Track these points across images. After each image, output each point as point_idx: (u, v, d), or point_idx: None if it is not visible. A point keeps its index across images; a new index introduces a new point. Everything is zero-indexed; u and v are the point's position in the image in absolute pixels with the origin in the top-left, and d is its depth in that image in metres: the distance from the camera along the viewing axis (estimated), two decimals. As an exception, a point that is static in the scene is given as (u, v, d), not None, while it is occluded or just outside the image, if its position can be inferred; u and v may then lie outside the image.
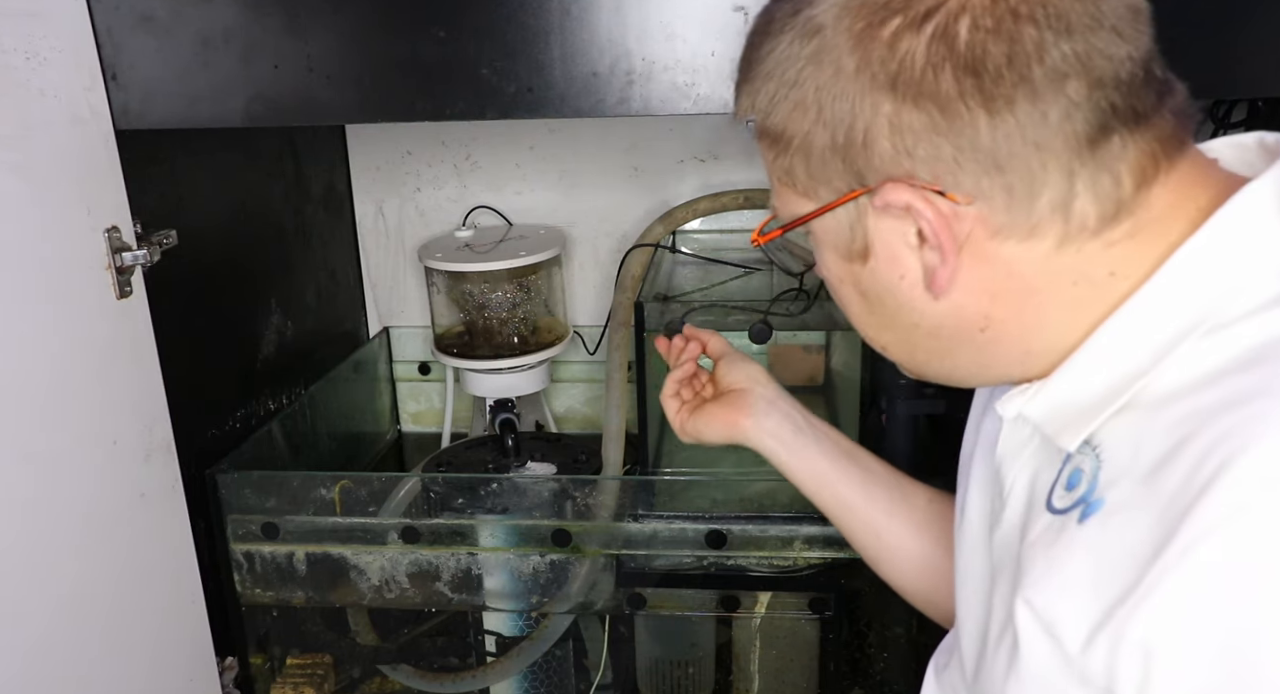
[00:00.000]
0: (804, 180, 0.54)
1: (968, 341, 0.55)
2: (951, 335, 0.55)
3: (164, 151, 1.06)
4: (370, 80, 0.91)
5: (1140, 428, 0.48)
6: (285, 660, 1.33)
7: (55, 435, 0.86)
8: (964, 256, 0.51)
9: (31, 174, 0.83)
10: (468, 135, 1.57)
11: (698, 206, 1.46)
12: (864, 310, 0.58)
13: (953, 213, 0.50)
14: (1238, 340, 0.47)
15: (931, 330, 0.55)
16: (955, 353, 0.56)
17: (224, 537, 1.16)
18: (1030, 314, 0.52)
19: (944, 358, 0.57)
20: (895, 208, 0.51)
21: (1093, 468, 0.50)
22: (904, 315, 0.55)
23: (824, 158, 0.52)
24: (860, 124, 0.50)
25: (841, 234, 0.55)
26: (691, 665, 1.32)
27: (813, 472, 0.82)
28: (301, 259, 1.47)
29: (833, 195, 0.53)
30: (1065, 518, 0.51)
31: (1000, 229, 0.50)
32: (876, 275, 0.55)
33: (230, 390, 1.25)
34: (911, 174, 0.50)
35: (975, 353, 0.55)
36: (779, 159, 0.55)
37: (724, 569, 1.15)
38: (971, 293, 0.52)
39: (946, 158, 0.49)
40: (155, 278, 0.97)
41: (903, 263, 0.53)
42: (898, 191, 0.50)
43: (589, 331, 1.58)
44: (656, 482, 1.22)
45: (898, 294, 0.55)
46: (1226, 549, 0.41)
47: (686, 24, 0.87)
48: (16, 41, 0.81)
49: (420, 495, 1.22)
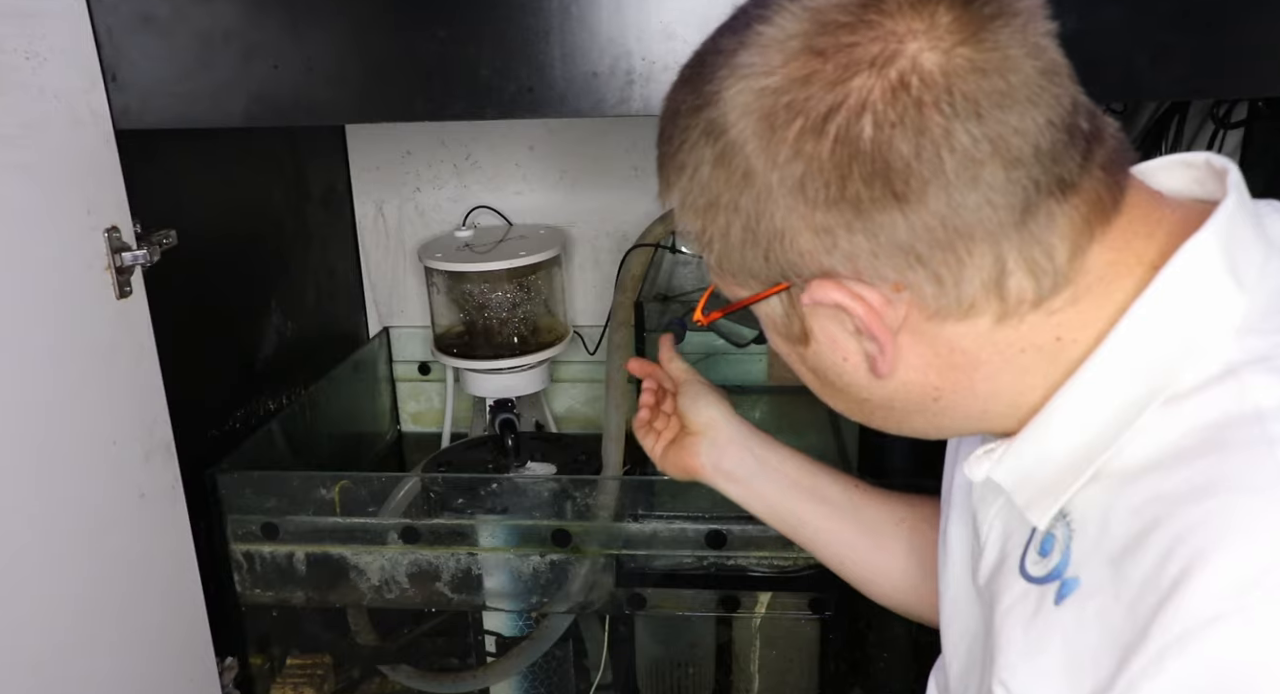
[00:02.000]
0: (729, 269, 0.53)
1: (920, 410, 0.54)
2: (904, 407, 0.54)
3: (164, 151, 1.06)
4: (370, 80, 0.91)
5: (1107, 501, 0.48)
6: (285, 660, 1.33)
7: (55, 435, 0.86)
8: (904, 337, 0.50)
9: (31, 174, 0.83)
10: (468, 135, 1.57)
11: (698, 206, 1.45)
12: (816, 383, 0.58)
13: (884, 301, 0.49)
14: (1196, 414, 0.46)
15: (882, 403, 0.55)
16: (910, 419, 0.56)
17: (224, 537, 1.16)
18: (981, 383, 0.51)
19: (900, 423, 0.56)
20: (825, 306, 0.50)
21: (1064, 537, 0.50)
22: (853, 391, 0.55)
23: (744, 254, 0.51)
24: (775, 224, 0.48)
25: (779, 319, 0.54)
26: (691, 665, 1.32)
27: (771, 511, 0.82)
28: (301, 259, 1.47)
29: (761, 286, 0.52)
30: (1041, 591, 0.50)
31: (936, 312, 0.49)
32: (820, 357, 0.54)
33: (230, 390, 1.25)
34: (833, 271, 0.48)
35: (931, 418, 0.55)
36: (705, 250, 0.53)
37: (724, 569, 1.15)
38: (917, 370, 0.51)
39: (864, 254, 0.47)
40: (155, 278, 0.97)
41: (843, 347, 0.52)
42: (824, 289, 0.49)
43: (589, 331, 1.58)
44: (656, 482, 1.22)
45: (843, 375, 0.54)
46: (1200, 661, 0.41)
47: (686, 24, 0.87)
48: (16, 41, 0.81)
49: (420, 495, 1.22)
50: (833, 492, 0.81)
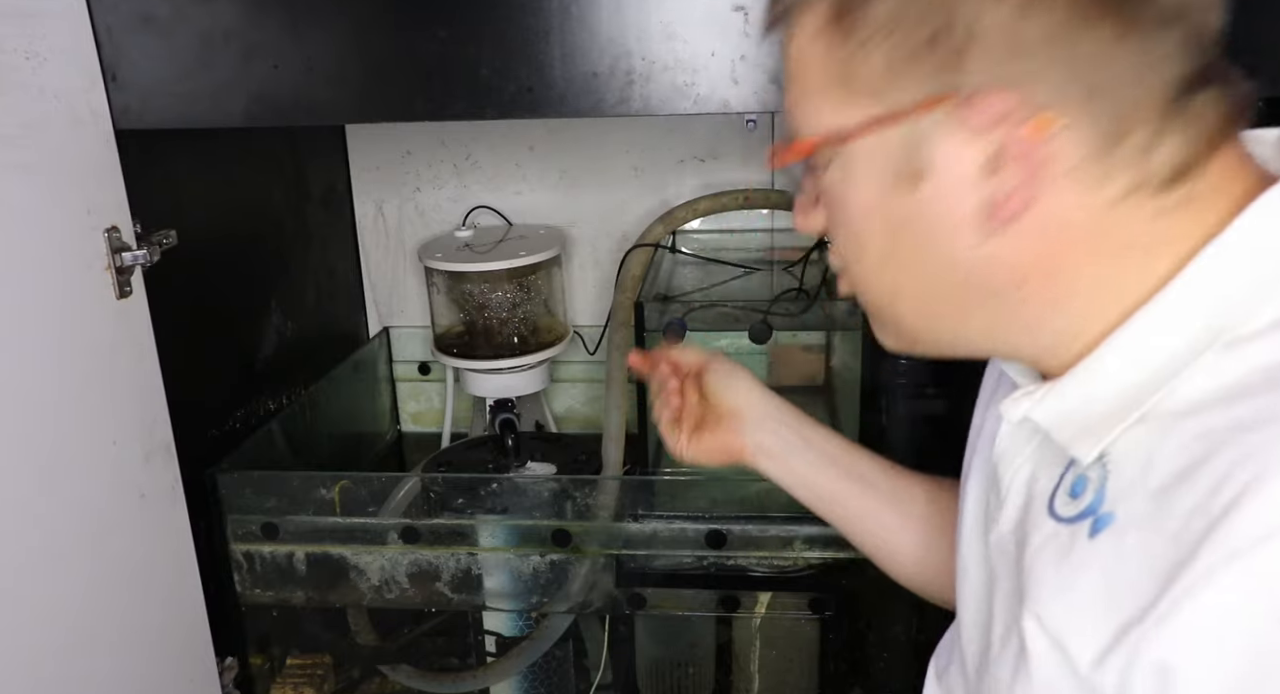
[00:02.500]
0: (875, 81, 0.48)
1: (992, 299, 0.51)
2: (979, 287, 0.51)
3: (164, 151, 1.06)
4: (370, 80, 0.91)
5: (1153, 441, 0.47)
6: (285, 660, 1.33)
7: (55, 436, 0.86)
8: (1032, 191, 0.47)
9: (31, 174, 0.83)
10: (468, 135, 1.57)
11: (698, 206, 1.45)
12: (885, 249, 0.52)
13: (1039, 138, 0.46)
14: (1258, 356, 0.45)
15: (960, 280, 0.51)
16: (973, 313, 0.52)
17: (224, 537, 1.16)
18: (1067, 276, 0.49)
19: (958, 316, 0.53)
20: (982, 122, 0.46)
21: (1099, 477, 0.49)
22: (938, 255, 0.51)
23: (912, 55, 0.47)
24: (965, 24, 0.45)
25: (894, 153, 0.49)
26: (691, 665, 1.32)
27: (809, 488, 0.81)
28: (301, 259, 1.47)
29: (908, 102, 0.47)
30: (1074, 529, 0.50)
31: (1075, 167, 0.47)
32: (923, 205, 0.49)
33: (230, 390, 1.25)
34: (1009, 86, 0.45)
35: (994, 314, 0.52)
36: (847, 51, 0.48)
37: (724, 569, 1.15)
38: (1020, 237, 0.49)
39: (1048, 77, 0.45)
40: (155, 278, 0.97)
41: (961, 192, 0.48)
42: (994, 102, 0.45)
43: (589, 331, 1.58)
44: (656, 482, 1.22)
45: (939, 230, 0.50)
46: (1255, 573, 0.40)
47: (686, 24, 0.87)
48: (16, 41, 0.81)
49: (420, 495, 1.22)
50: (870, 470, 0.80)
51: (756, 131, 1.53)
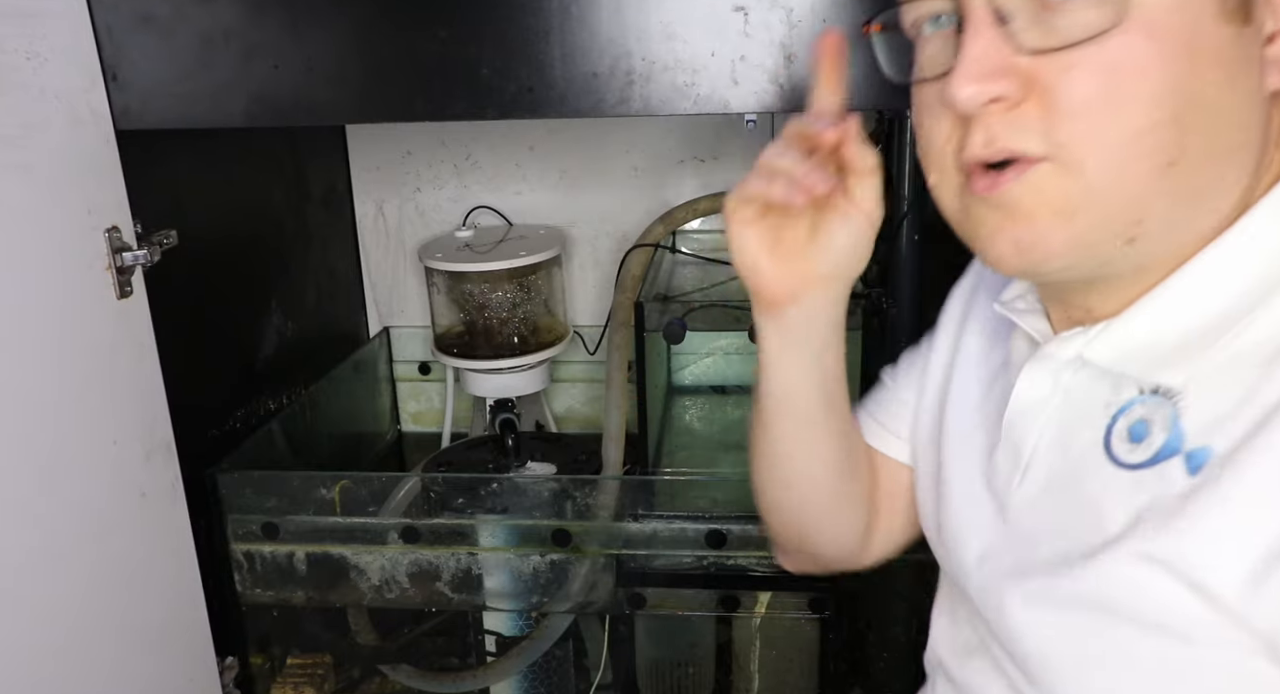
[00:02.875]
0: None
1: (1204, 162, 0.46)
2: (1206, 143, 0.46)
3: (164, 151, 1.06)
4: (370, 80, 0.91)
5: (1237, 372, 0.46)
6: (285, 660, 1.33)
7: (55, 435, 0.86)
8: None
9: (32, 174, 0.83)
10: (468, 135, 1.57)
11: (698, 206, 1.46)
12: (1157, 82, 0.45)
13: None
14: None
15: (1236, 143, 0.47)
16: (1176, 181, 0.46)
17: (224, 537, 1.16)
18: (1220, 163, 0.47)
19: (1160, 182, 0.46)
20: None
21: (1167, 416, 0.48)
22: (1233, 113, 0.47)
23: None
24: None
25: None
26: (691, 665, 1.32)
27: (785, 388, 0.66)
28: (301, 259, 1.47)
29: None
30: (1160, 471, 0.48)
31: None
32: (1238, 44, 0.45)
33: (230, 390, 1.25)
34: None
35: (1185, 183, 0.47)
36: None
37: (724, 569, 1.15)
38: (1251, 97, 0.47)
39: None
40: (155, 278, 0.97)
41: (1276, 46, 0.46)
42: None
43: (589, 331, 1.58)
44: (656, 482, 1.22)
45: (1238, 76, 0.46)
46: None
47: (686, 24, 0.87)
48: (17, 41, 0.81)
49: (420, 495, 1.22)
50: (845, 409, 0.69)
51: (756, 131, 1.53)
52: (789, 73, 0.88)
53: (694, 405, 1.56)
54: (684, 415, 1.54)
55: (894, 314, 1.14)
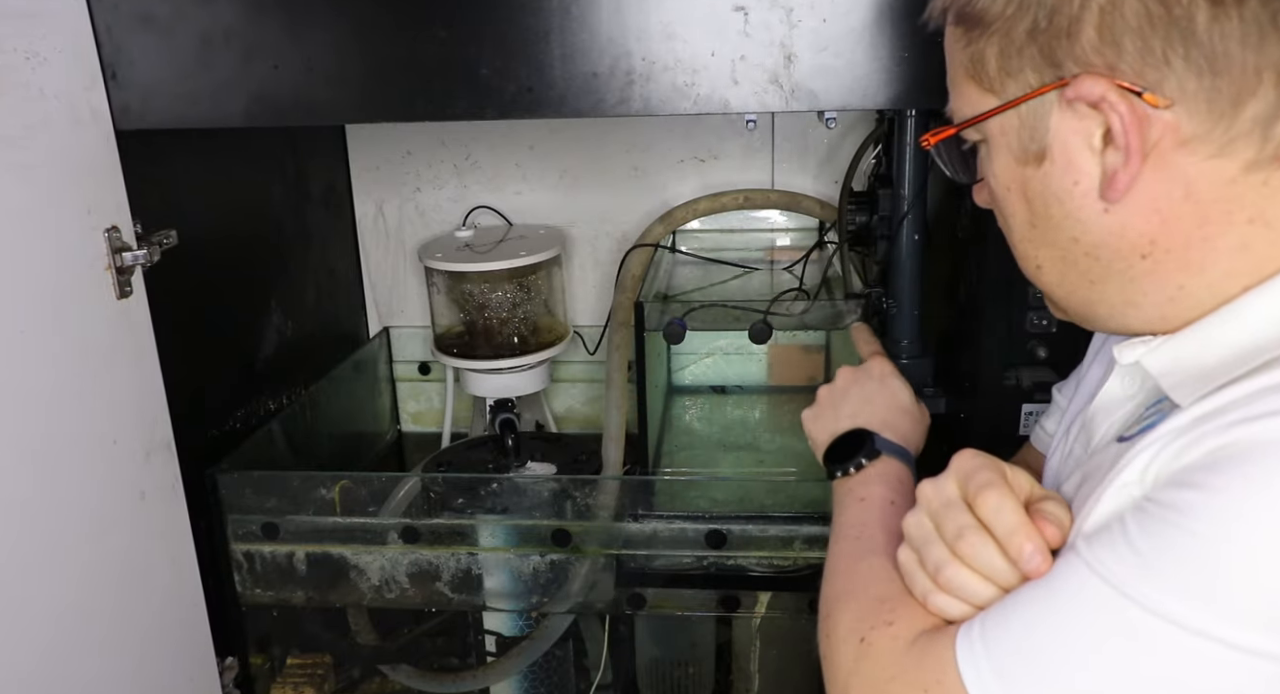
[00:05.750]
0: (993, 71, 0.53)
1: (1124, 269, 0.53)
2: (1111, 257, 0.53)
3: (164, 151, 1.06)
4: (370, 80, 0.91)
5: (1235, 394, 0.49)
6: (285, 660, 1.33)
7: (55, 435, 0.86)
8: (1146, 166, 0.49)
9: (31, 174, 0.83)
10: (468, 135, 1.57)
11: (698, 206, 1.46)
12: (1026, 222, 0.56)
13: (1145, 115, 0.48)
14: None
15: (1091, 248, 0.54)
16: (1106, 280, 0.54)
17: (224, 537, 1.16)
18: (1195, 249, 0.51)
19: (1093, 285, 0.55)
20: (1086, 102, 0.49)
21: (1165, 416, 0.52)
22: (1067, 227, 0.54)
23: (1021, 46, 0.51)
24: (1069, 9, 0.49)
25: (1021, 133, 0.53)
26: (691, 665, 1.32)
27: None
28: (301, 259, 1.47)
29: (1021, 90, 0.52)
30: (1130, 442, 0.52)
31: (1190, 139, 0.48)
32: (1049, 180, 0.53)
33: (230, 390, 1.25)
34: (1113, 67, 0.48)
35: (1126, 284, 0.54)
36: (971, 46, 0.54)
37: (724, 569, 1.15)
38: (1141, 210, 0.51)
39: (1155, 53, 0.47)
40: (155, 278, 0.97)
41: (1079, 166, 0.52)
42: (1094, 85, 0.48)
43: (589, 331, 1.58)
44: (656, 481, 1.22)
45: (1066, 202, 0.53)
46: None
47: (686, 24, 0.87)
48: (16, 41, 0.81)
49: (420, 495, 1.22)
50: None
51: (756, 131, 1.53)
52: (789, 73, 0.88)
53: (694, 405, 1.56)
54: (684, 415, 1.54)
55: (894, 314, 1.14)
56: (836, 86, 0.88)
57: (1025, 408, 1.02)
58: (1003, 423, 1.03)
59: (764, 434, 1.48)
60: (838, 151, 1.51)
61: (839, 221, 1.24)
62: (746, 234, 1.56)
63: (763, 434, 1.48)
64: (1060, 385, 0.81)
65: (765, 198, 1.47)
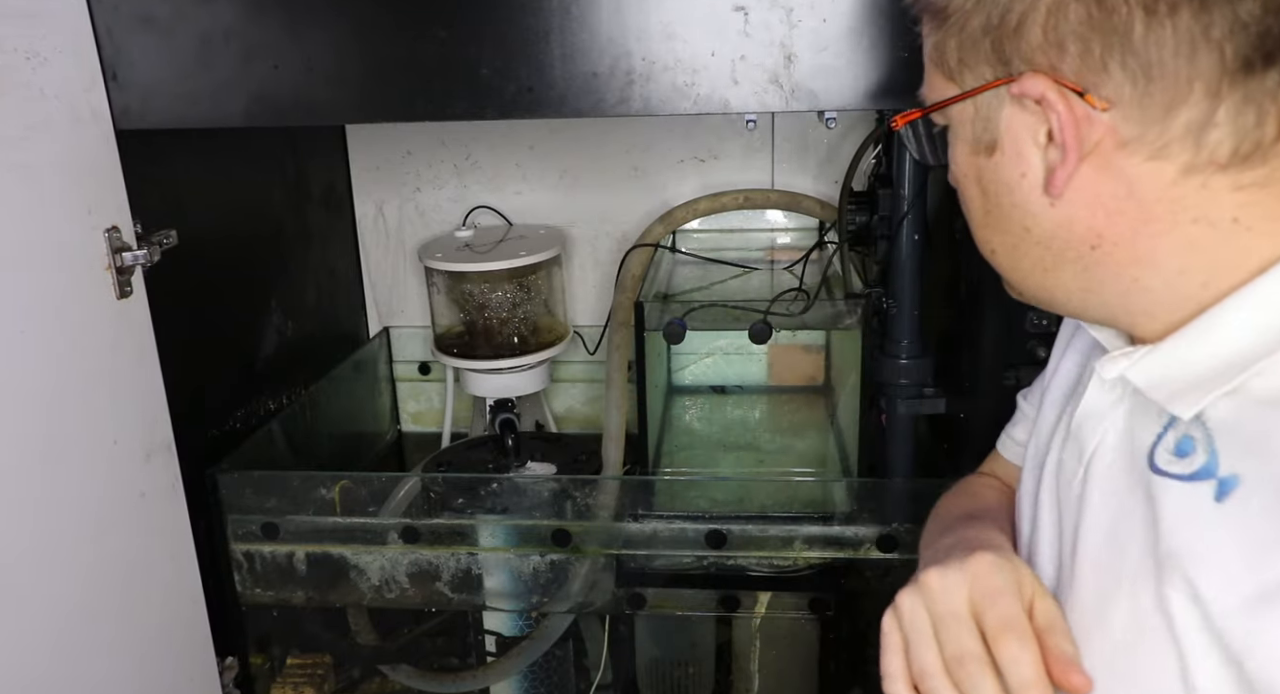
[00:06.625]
0: (953, 62, 0.55)
1: (1074, 259, 0.54)
2: (1061, 248, 0.55)
3: (164, 151, 1.06)
4: (370, 80, 0.91)
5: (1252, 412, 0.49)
6: (285, 660, 1.33)
7: (55, 435, 0.86)
8: (1087, 165, 0.51)
9: (32, 174, 0.83)
10: (468, 135, 1.57)
11: (698, 206, 1.46)
12: (981, 209, 0.58)
13: (1085, 116, 0.50)
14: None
15: (1042, 238, 0.55)
16: (1060, 268, 0.56)
17: (224, 537, 1.16)
18: (1143, 243, 0.52)
19: (1047, 272, 0.57)
20: (1030, 99, 0.51)
21: (1204, 438, 0.51)
22: (1017, 217, 0.56)
23: (975, 39, 0.53)
24: (1019, 8, 0.50)
25: (975, 124, 0.55)
26: (691, 665, 1.32)
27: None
28: (301, 259, 1.47)
29: (976, 81, 0.54)
30: (1193, 488, 0.50)
31: (1129, 142, 0.50)
32: (999, 171, 0.55)
33: (230, 390, 1.25)
34: (1055, 68, 0.50)
35: (1080, 273, 0.55)
36: (934, 35, 0.56)
37: (724, 569, 1.15)
38: (1087, 205, 0.52)
39: (1095, 56, 0.49)
40: (155, 278, 0.97)
41: (1026, 160, 0.53)
42: (1036, 83, 0.50)
43: (589, 331, 1.58)
44: (656, 482, 1.22)
45: (1015, 193, 0.55)
46: None
47: (686, 24, 0.87)
48: (17, 41, 0.81)
49: (420, 495, 1.22)
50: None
51: (756, 131, 1.53)
52: (789, 73, 0.88)
53: (694, 405, 1.56)
54: (684, 415, 1.54)
55: (894, 314, 1.14)
56: (836, 86, 0.88)
57: (1025, 408, 1.02)
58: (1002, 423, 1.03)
59: (764, 434, 1.48)
60: (838, 151, 1.51)
61: (839, 221, 1.25)
62: (746, 234, 1.56)
63: (763, 434, 1.48)
64: (1025, 393, 0.81)
65: (765, 198, 1.47)
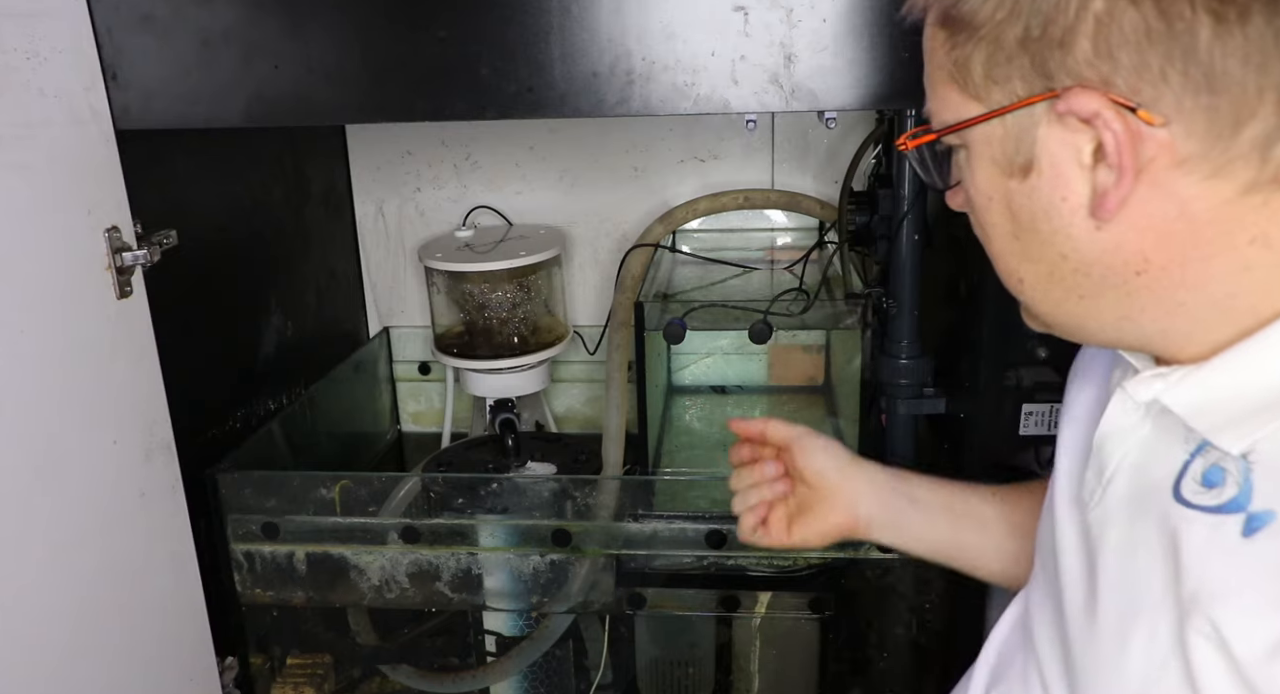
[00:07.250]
0: (978, 78, 0.50)
1: (1118, 285, 0.50)
2: (1102, 275, 0.50)
3: (164, 151, 1.06)
4: (370, 80, 0.91)
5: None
6: (285, 660, 1.33)
7: (55, 435, 0.86)
8: (1140, 184, 0.47)
9: (32, 174, 0.83)
10: (468, 135, 1.57)
11: (698, 206, 1.46)
12: (1009, 235, 0.53)
13: (1140, 133, 0.46)
14: None
15: (1081, 265, 0.51)
16: (1099, 296, 0.51)
17: (224, 537, 1.16)
18: (1194, 268, 0.48)
19: (1084, 299, 0.52)
20: (1078, 117, 0.47)
21: (1240, 470, 0.48)
22: (1055, 244, 0.51)
23: (1011, 53, 0.48)
24: (1063, 19, 0.46)
25: (1005, 144, 0.51)
26: (691, 665, 1.32)
27: (930, 546, 0.80)
28: (301, 259, 1.47)
29: (1008, 98, 0.49)
30: (1219, 521, 0.48)
31: (1187, 159, 0.46)
32: (1036, 194, 0.50)
33: (230, 390, 1.25)
34: (1108, 82, 0.46)
35: (1121, 299, 0.51)
36: (956, 51, 0.51)
37: (724, 569, 1.15)
38: (1136, 228, 0.48)
39: (1152, 68, 0.45)
40: (155, 278, 0.97)
41: (1069, 182, 0.49)
42: (1087, 99, 0.46)
43: (589, 331, 1.58)
44: (656, 482, 1.22)
45: (1054, 218, 0.50)
46: None
47: (686, 24, 0.87)
48: (17, 41, 0.81)
49: (420, 495, 1.22)
50: (968, 501, 0.79)
51: (756, 131, 1.53)
52: (789, 73, 0.88)
53: (694, 405, 1.56)
54: (684, 415, 1.54)
55: (894, 314, 1.14)
56: (836, 86, 0.88)
57: (1025, 408, 1.02)
58: (1002, 423, 1.03)
59: (764, 434, 1.48)
60: (838, 151, 1.51)
61: (839, 221, 1.25)
62: (746, 234, 1.56)
63: (763, 434, 1.48)
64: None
65: (765, 198, 1.47)
